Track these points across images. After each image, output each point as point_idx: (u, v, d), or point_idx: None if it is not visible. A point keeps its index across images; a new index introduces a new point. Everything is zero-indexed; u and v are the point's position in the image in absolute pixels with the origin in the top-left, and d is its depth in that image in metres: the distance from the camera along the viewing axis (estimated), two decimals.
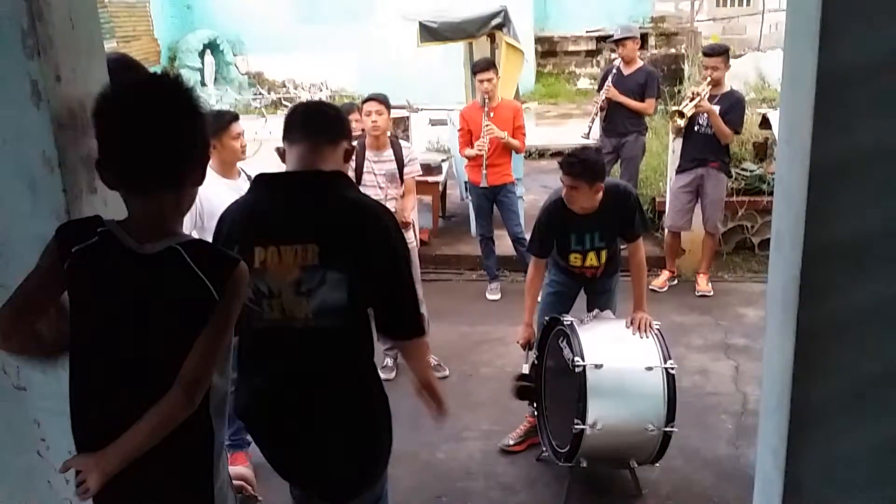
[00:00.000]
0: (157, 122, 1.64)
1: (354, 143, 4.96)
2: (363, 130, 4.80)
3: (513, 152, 5.97)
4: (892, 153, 1.73)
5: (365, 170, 4.71)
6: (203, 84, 13.80)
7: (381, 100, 4.66)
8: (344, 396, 2.09)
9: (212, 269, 1.68)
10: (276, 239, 1.95)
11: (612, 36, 7.06)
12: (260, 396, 2.07)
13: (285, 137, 2.12)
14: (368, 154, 4.73)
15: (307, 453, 2.14)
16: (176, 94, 1.69)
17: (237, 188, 3.62)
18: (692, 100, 5.80)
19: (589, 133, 6.77)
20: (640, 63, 6.75)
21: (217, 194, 3.27)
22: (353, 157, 4.63)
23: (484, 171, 5.84)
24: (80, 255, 1.67)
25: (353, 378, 2.10)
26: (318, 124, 2.09)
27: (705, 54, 6.04)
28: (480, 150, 5.79)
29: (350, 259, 1.94)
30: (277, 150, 2.16)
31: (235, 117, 3.73)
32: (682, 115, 5.82)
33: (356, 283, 1.95)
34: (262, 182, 2.09)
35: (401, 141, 5.02)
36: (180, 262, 1.66)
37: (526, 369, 3.84)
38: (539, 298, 4.02)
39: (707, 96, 5.76)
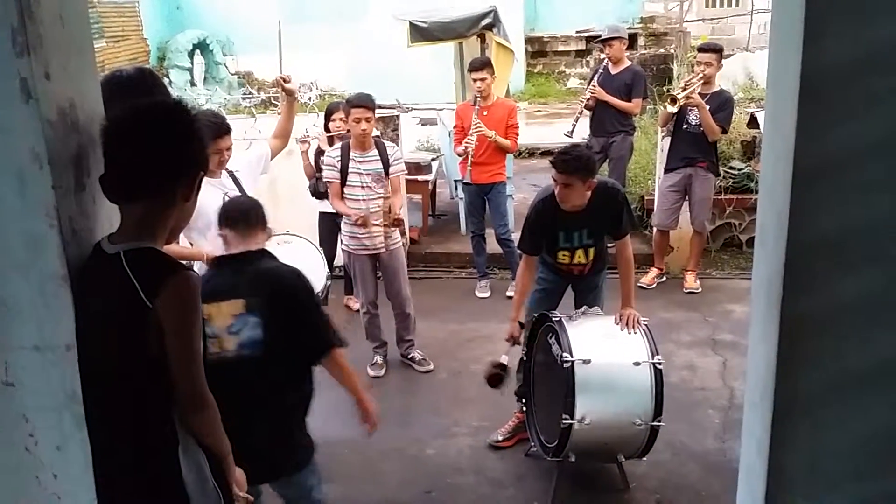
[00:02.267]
0: (146, 139, 1.82)
1: (339, 142, 5.00)
2: (348, 130, 4.81)
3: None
4: (874, 151, 1.76)
5: (350, 170, 4.71)
6: (193, 84, 13.76)
7: (368, 105, 4.65)
8: (264, 402, 2.67)
9: (147, 276, 1.79)
10: (219, 298, 2.63)
11: (601, 36, 7.09)
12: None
13: (226, 227, 2.81)
14: (353, 154, 4.73)
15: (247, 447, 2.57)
16: (167, 117, 1.88)
17: (221, 185, 3.64)
18: (684, 89, 5.83)
19: (572, 132, 6.80)
20: (627, 63, 6.77)
21: (202, 192, 3.31)
22: (339, 158, 4.69)
23: (469, 168, 5.89)
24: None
25: (270, 389, 2.69)
26: (250, 218, 2.82)
27: (700, 50, 6.10)
28: (467, 147, 5.83)
29: (262, 308, 2.63)
30: (220, 235, 2.86)
31: (223, 133, 3.59)
32: (674, 100, 5.84)
33: (268, 323, 2.63)
34: (217, 262, 2.86)
35: (385, 141, 5.03)
36: (118, 264, 1.78)
37: (504, 359, 3.84)
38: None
39: (698, 91, 5.79)
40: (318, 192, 5.35)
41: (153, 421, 1.88)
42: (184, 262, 2.26)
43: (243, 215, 2.83)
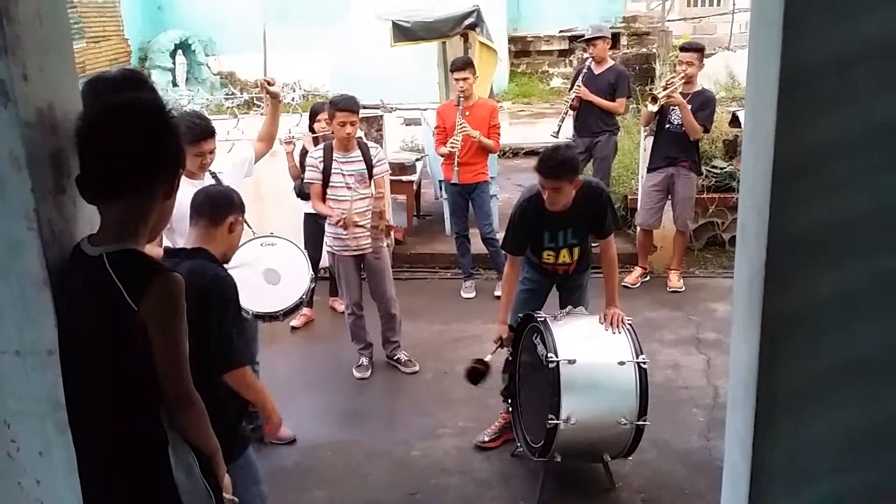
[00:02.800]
0: (123, 136, 1.79)
1: (321, 143, 4.98)
2: (332, 132, 4.80)
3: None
4: (853, 148, 1.77)
5: (333, 171, 4.71)
6: (175, 84, 13.67)
7: (353, 108, 4.65)
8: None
9: (131, 278, 1.78)
10: None
11: (584, 35, 7.11)
12: None
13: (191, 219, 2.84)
14: (336, 155, 4.73)
15: None
16: (144, 112, 1.87)
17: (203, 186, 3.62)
18: (665, 88, 5.86)
19: (558, 132, 6.81)
20: (611, 62, 6.79)
21: (183, 193, 3.30)
22: (321, 159, 4.68)
23: (455, 168, 5.89)
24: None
25: (207, 386, 2.56)
26: (201, 211, 2.81)
27: (682, 49, 6.13)
28: (453, 148, 5.82)
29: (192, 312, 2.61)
30: (191, 223, 2.86)
31: (205, 136, 3.55)
32: (654, 99, 5.86)
33: (201, 327, 2.50)
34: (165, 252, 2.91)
35: (368, 142, 5.02)
36: (101, 267, 1.77)
37: (488, 358, 3.84)
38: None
39: (680, 90, 5.82)
40: (304, 193, 5.33)
41: (141, 421, 1.88)
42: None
43: (196, 208, 2.83)
